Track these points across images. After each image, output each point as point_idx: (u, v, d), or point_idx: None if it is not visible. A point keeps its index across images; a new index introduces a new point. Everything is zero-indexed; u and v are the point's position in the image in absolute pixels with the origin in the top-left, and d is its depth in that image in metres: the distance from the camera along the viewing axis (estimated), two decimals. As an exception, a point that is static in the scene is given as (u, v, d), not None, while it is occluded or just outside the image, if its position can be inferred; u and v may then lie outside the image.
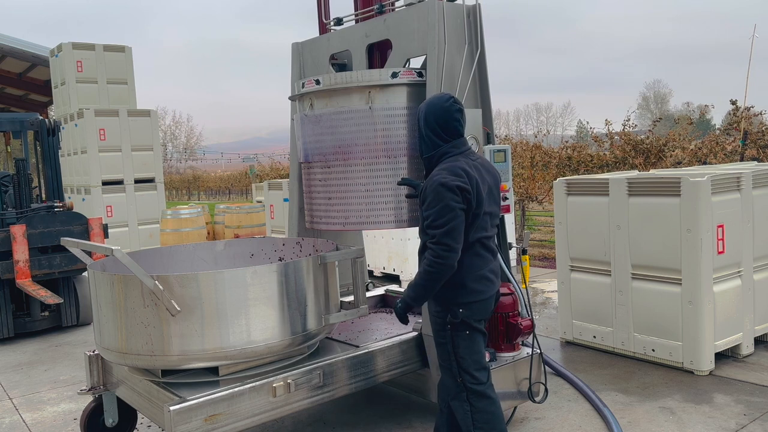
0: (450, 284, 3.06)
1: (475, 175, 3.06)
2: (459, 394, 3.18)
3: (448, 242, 2.95)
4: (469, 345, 3.13)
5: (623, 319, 5.21)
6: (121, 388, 3.70)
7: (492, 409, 3.18)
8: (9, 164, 10.50)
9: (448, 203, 2.95)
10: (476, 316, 3.12)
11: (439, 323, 3.16)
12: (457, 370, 3.15)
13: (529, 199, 12.52)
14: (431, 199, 2.99)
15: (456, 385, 3.18)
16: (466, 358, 3.13)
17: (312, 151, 4.17)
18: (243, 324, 3.23)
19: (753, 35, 8.22)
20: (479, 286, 3.10)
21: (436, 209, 2.97)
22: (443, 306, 3.12)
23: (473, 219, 3.05)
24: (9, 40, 15.07)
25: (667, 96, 66.24)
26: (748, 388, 4.51)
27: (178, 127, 72.08)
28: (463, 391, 3.16)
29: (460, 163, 3.07)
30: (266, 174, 29.99)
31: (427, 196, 3.02)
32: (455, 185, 2.96)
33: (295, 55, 4.92)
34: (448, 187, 2.96)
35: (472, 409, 3.15)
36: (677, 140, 10.43)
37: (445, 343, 3.16)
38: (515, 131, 63.81)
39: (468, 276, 3.07)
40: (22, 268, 6.52)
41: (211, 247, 4.53)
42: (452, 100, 3.16)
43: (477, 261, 3.10)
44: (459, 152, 3.13)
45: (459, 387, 3.17)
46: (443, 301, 3.11)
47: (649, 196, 4.98)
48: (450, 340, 3.13)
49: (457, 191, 2.96)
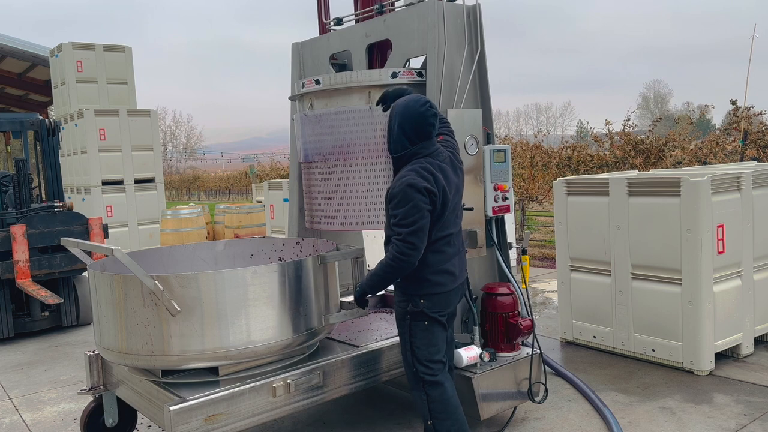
0: (412, 278, 3.22)
1: (441, 176, 3.18)
2: (416, 384, 3.30)
3: (413, 241, 3.08)
4: (425, 336, 3.26)
5: (623, 319, 5.21)
6: (121, 388, 3.70)
7: (446, 397, 3.28)
8: (9, 164, 10.50)
9: (416, 203, 3.08)
10: (437, 308, 3.25)
11: (400, 313, 3.31)
12: (412, 359, 3.28)
13: (529, 199, 12.52)
14: (399, 199, 3.10)
15: (414, 376, 3.31)
16: (422, 349, 3.25)
17: (312, 151, 4.17)
18: (243, 324, 3.23)
19: (753, 35, 8.22)
20: (441, 278, 3.23)
21: (404, 209, 3.08)
22: (406, 296, 3.26)
23: (437, 218, 3.18)
24: (9, 40, 15.08)
25: (667, 96, 66.30)
26: (748, 388, 4.51)
27: (178, 127, 72.15)
28: (420, 382, 3.28)
29: (428, 165, 3.18)
30: (266, 174, 30.00)
31: (395, 196, 3.12)
32: (423, 187, 3.09)
33: (295, 55, 4.92)
34: (417, 189, 3.08)
35: (428, 399, 3.27)
36: (677, 140, 10.43)
37: (403, 334, 3.30)
38: (515, 131, 63.83)
39: (429, 271, 3.22)
40: (22, 268, 6.52)
41: (211, 247, 4.53)
42: (428, 105, 3.22)
43: (439, 257, 3.23)
44: (427, 153, 3.23)
45: (417, 378, 3.29)
46: (406, 292, 3.26)
47: (649, 196, 4.98)
48: (408, 330, 3.27)
49: (424, 192, 3.08)
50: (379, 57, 4.65)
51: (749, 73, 8.39)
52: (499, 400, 3.82)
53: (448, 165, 3.28)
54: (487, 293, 3.96)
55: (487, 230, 4.02)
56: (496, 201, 3.99)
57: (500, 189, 4.00)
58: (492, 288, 3.96)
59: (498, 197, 4.00)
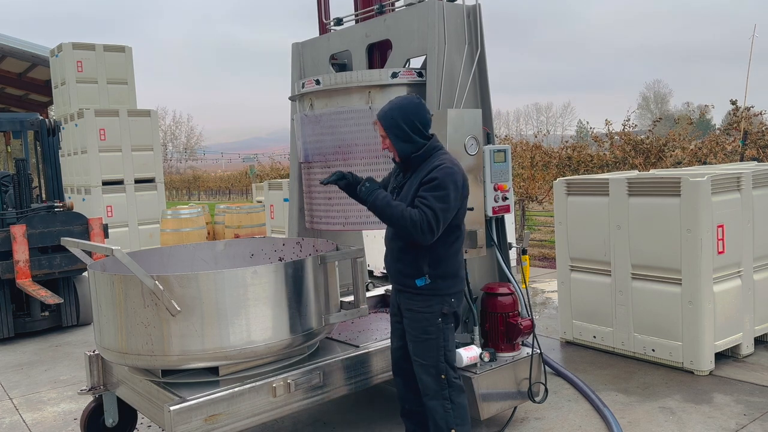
0: (444, 275, 3.13)
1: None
2: (440, 392, 3.16)
3: (440, 224, 3.00)
4: (452, 338, 3.23)
5: (623, 319, 5.21)
6: (121, 388, 3.70)
7: (465, 403, 3.25)
8: (9, 164, 10.50)
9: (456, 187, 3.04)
10: (459, 305, 3.24)
11: (429, 318, 3.14)
12: (445, 365, 3.17)
13: (529, 199, 12.52)
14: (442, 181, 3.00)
15: (437, 383, 3.16)
16: (452, 352, 3.22)
17: (312, 151, 4.17)
18: (243, 324, 3.23)
19: (753, 35, 8.22)
20: (463, 272, 3.27)
21: (445, 191, 3.00)
22: (437, 298, 3.13)
23: (465, 211, 3.19)
24: (9, 40, 15.07)
25: (667, 96, 66.27)
26: (748, 388, 4.51)
27: (178, 127, 72.11)
28: (446, 388, 3.16)
29: (453, 156, 3.21)
30: (266, 174, 29.99)
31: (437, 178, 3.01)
32: (461, 174, 3.09)
33: (295, 55, 4.92)
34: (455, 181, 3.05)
35: (453, 406, 3.17)
36: (677, 140, 10.43)
37: (434, 338, 3.15)
38: (515, 131, 63.80)
39: (460, 265, 3.22)
40: (23, 268, 6.52)
41: (211, 247, 4.53)
42: (417, 98, 3.22)
43: (460, 253, 3.24)
44: (441, 146, 3.25)
45: (441, 385, 3.16)
46: (437, 293, 3.13)
47: (649, 196, 4.98)
48: (441, 334, 3.15)
49: (460, 187, 3.07)
50: (379, 57, 4.65)
51: (749, 73, 8.39)
52: (499, 400, 3.82)
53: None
54: (487, 293, 3.96)
55: (487, 230, 4.02)
56: (496, 201, 3.99)
57: (500, 189, 4.00)
58: (492, 288, 3.96)
59: (498, 197, 4.00)
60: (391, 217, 3.02)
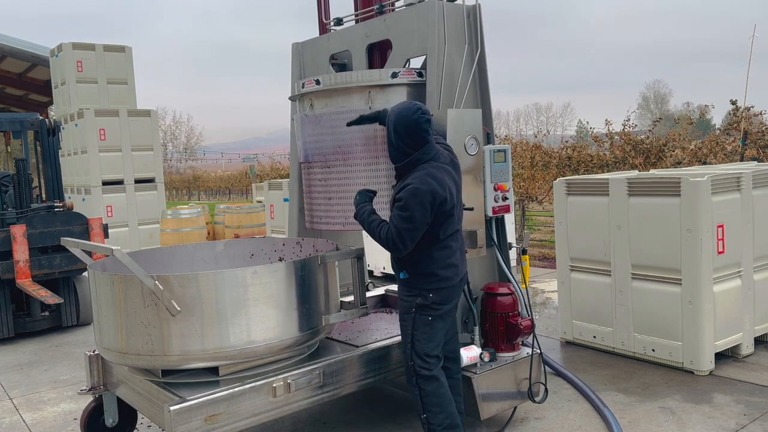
0: (422, 273, 3.31)
1: (446, 178, 3.26)
2: (411, 379, 3.37)
3: (405, 242, 3.19)
4: (427, 331, 3.33)
5: (623, 319, 5.21)
6: (121, 388, 3.70)
7: (441, 392, 3.35)
8: (9, 164, 10.50)
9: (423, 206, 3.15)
10: (444, 301, 3.35)
11: (405, 307, 3.37)
12: (410, 352, 3.34)
13: (529, 199, 12.52)
14: (404, 204, 3.17)
15: (408, 370, 3.38)
16: (422, 343, 3.32)
17: (312, 151, 4.17)
18: (243, 324, 3.23)
19: (753, 35, 8.22)
20: (448, 272, 3.33)
21: (409, 212, 3.15)
22: (415, 291, 3.33)
23: (446, 218, 3.28)
24: (9, 40, 15.07)
25: (667, 96, 66.23)
26: (748, 388, 4.51)
27: (179, 127, 72.07)
28: (413, 376, 3.34)
29: (432, 169, 3.25)
30: (266, 174, 29.99)
31: (400, 199, 3.19)
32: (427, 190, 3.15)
33: (295, 55, 4.92)
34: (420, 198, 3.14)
35: (421, 392, 3.33)
36: (677, 140, 10.43)
37: (406, 324, 3.37)
38: (515, 131, 63.77)
39: (437, 266, 3.31)
40: (23, 268, 6.52)
41: (211, 247, 4.53)
42: (420, 111, 3.26)
43: (446, 252, 3.34)
44: (429, 158, 3.30)
45: (410, 371, 3.37)
46: (415, 287, 3.34)
47: (649, 196, 4.98)
48: (411, 323, 3.34)
49: (428, 201, 3.15)
50: (379, 57, 4.65)
51: (749, 73, 8.39)
52: (499, 400, 3.82)
53: (450, 166, 3.38)
54: (487, 293, 3.96)
55: (487, 230, 4.02)
56: (496, 201, 4.00)
57: (500, 189, 4.00)
58: (492, 288, 3.96)
59: (498, 197, 4.00)
60: (369, 230, 3.34)
